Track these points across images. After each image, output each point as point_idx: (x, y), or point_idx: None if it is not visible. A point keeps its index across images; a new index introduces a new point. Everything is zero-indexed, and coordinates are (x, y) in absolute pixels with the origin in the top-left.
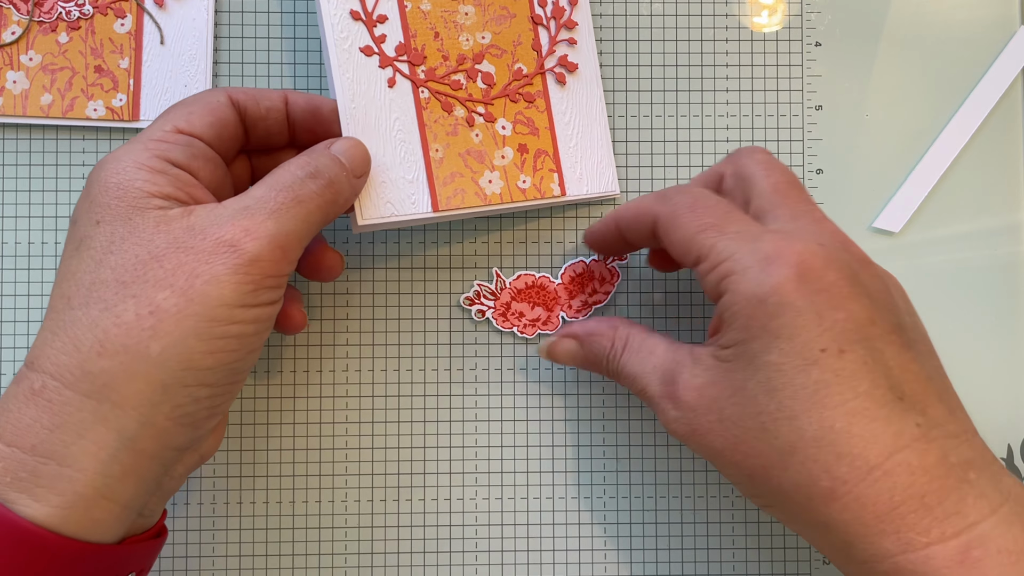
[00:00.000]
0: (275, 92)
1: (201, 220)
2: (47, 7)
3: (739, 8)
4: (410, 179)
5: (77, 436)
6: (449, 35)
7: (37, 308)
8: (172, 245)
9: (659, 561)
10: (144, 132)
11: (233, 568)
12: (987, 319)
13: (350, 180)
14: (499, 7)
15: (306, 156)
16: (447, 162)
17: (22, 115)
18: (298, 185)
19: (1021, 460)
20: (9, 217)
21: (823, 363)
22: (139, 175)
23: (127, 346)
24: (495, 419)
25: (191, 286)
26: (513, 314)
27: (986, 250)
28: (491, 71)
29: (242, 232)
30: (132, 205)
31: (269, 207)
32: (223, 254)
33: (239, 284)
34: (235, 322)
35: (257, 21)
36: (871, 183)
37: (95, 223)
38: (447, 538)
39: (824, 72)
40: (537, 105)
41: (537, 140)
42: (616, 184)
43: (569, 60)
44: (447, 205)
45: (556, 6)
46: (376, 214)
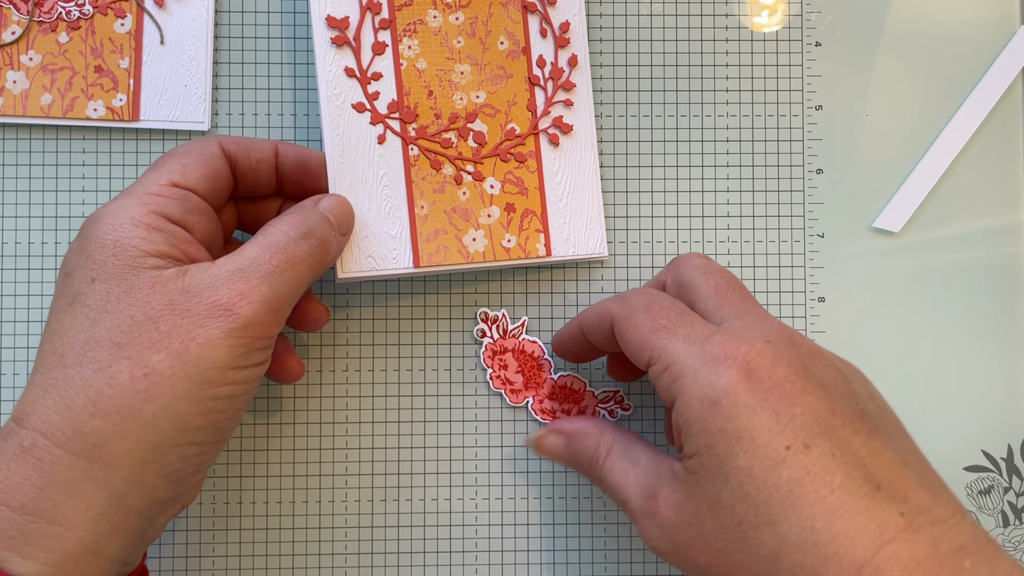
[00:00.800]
0: (266, 143)
1: (196, 281)
2: (47, 7)
3: (739, 8)
4: (393, 234)
5: (67, 495)
6: (443, 93)
7: (37, 308)
8: (168, 307)
9: (659, 562)
10: (140, 184)
11: (233, 568)
12: (987, 319)
13: (337, 238)
14: (496, 67)
15: (297, 215)
16: (432, 219)
17: (22, 115)
18: (291, 246)
19: (1021, 460)
20: (9, 217)
21: (791, 461)
22: (136, 233)
23: (120, 407)
24: (495, 419)
25: (186, 349)
26: (500, 362)
27: (986, 250)
28: (483, 130)
29: (237, 296)
30: (128, 264)
31: (264, 270)
32: (218, 318)
33: (233, 347)
34: (227, 383)
35: (257, 21)
36: (871, 183)
37: (90, 280)
38: (447, 538)
39: (824, 72)
40: (528, 165)
41: (526, 200)
42: (604, 246)
43: (564, 121)
44: (429, 261)
45: (555, 67)
46: (357, 268)
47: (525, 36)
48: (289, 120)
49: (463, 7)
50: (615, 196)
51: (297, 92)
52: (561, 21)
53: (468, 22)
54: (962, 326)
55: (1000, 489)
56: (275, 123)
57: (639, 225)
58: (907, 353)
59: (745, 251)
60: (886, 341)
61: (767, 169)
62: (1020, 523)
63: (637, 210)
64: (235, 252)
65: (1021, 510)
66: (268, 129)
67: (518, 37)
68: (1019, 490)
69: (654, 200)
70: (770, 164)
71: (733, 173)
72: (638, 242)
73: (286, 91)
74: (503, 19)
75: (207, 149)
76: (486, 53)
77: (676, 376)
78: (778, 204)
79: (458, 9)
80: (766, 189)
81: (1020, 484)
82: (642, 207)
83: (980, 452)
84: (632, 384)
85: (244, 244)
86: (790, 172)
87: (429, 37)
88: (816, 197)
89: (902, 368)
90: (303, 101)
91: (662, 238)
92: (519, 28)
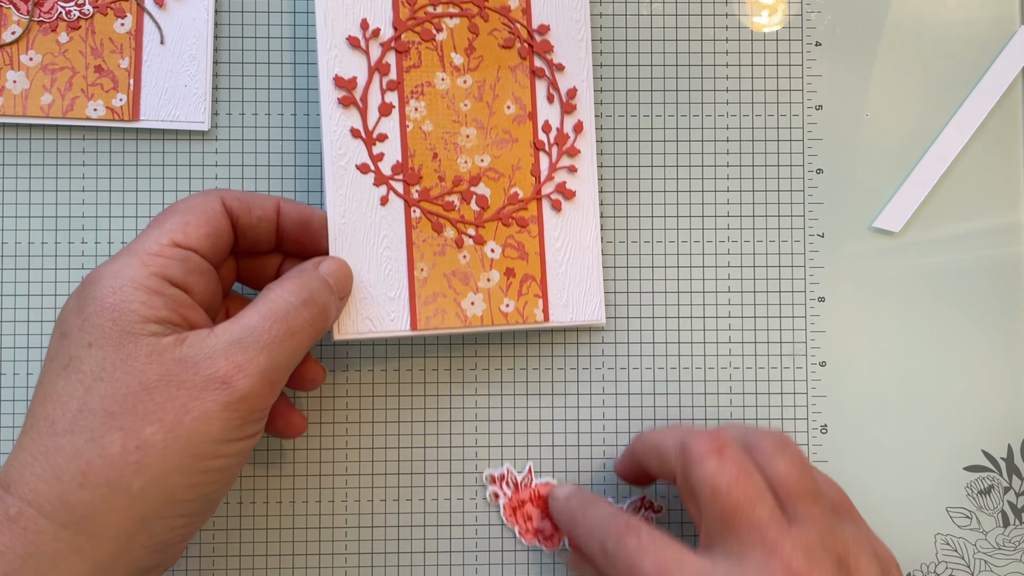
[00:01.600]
0: (268, 200)
1: (194, 352)
2: (47, 7)
3: (739, 8)
4: (392, 296)
5: (51, 567)
6: (448, 156)
7: (37, 308)
8: (164, 378)
9: None
10: (141, 242)
11: (233, 568)
12: (987, 319)
13: (336, 303)
14: (502, 131)
15: (298, 279)
16: (431, 282)
17: (22, 115)
18: (292, 315)
19: (1021, 460)
20: (9, 217)
21: None
22: (136, 296)
23: (110, 480)
24: (495, 419)
25: (180, 422)
26: (523, 515)
27: (986, 250)
28: (486, 194)
29: (235, 368)
30: (126, 330)
31: (263, 340)
32: (214, 391)
33: (227, 420)
34: (219, 456)
35: (257, 21)
36: (871, 183)
37: (87, 345)
38: (447, 538)
39: (824, 72)
40: (530, 230)
41: (526, 265)
42: (602, 313)
43: (567, 187)
44: (426, 324)
45: (560, 133)
46: (354, 330)
47: (532, 101)
48: (289, 120)
49: (471, 70)
50: (615, 196)
51: (297, 92)
52: (569, 87)
53: (476, 85)
54: (962, 326)
55: (1000, 489)
56: (275, 123)
57: (639, 225)
58: (907, 353)
59: (745, 251)
60: (886, 341)
61: (767, 169)
62: (1020, 523)
63: (637, 210)
64: (234, 319)
65: (1021, 510)
66: (268, 128)
67: (525, 102)
68: (1019, 490)
69: (654, 200)
70: (770, 164)
71: (733, 173)
72: (638, 242)
73: (286, 91)
74: (511, 83)
75: (209, 206)
76: (492, 117)
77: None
78: (778, 204)
79: (466, 72)
80: (766, 189)
81: (1020, 484)
82: (642, 207)
83: (980, 452)
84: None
85: (244, 310)
86: (790, 172)
87: (436, 99)
88: (816, 197)
89: (902, 368)
90: (303, 101)
91: (662, 238)
92: (526, 93)
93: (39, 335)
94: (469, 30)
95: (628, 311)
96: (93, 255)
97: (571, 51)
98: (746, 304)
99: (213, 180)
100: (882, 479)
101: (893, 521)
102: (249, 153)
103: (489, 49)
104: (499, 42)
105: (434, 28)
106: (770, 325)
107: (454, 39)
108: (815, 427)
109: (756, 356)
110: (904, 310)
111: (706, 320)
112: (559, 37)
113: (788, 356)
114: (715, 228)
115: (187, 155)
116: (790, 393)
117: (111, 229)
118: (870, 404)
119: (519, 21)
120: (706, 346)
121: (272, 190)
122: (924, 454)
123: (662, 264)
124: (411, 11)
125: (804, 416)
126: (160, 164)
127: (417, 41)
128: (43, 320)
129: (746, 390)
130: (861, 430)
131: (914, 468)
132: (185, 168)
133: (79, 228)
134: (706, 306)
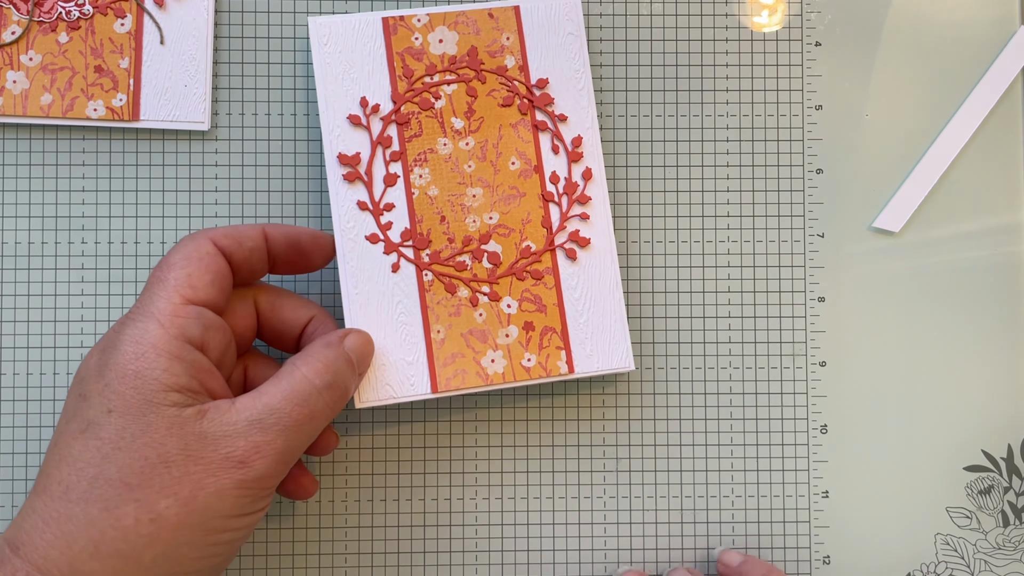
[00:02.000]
0: (254, 230)
1: (214, 428)
2: (47, 7)
3: (739, 8)
4: (410, 361)
5: None
6: (456, 218)
7: (37, 308)
8: (183, 452)
9: (659, 561)
10: (151, 303)
11: (233, 568)
12: (987, 319)
13: (356, 379)
14: (508, 187)
15: (323, 359)
16: (448, 343)
17: (22, 115)
18: (314, 398)
19: (1021, 460)
20: (9, 217)
21: None
22: (158, 364)
23: (121, 551)
24: (495, 419)
25: (194, 497)
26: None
27: (986, 250)
28: (497, 250)
29: (253, 450)
30: (148, 399)
31: (283, 423)
32: (231, 469)
33: (240, 497)
34: (228, 530)
35: (257, 21)
36: (871, 183)
37: (107, 412)
38: (447, 538)
39: (824, 72)
40: (545, 282)
41: (544, 317)
42: (631, 360)
43: (581, 235)
44: (447, 386)
45: (569, 182)
46: (375, 397)
47: (537, 154)
48: (289, 120)
49: (473, 132)
50: (615, 196)
51: (297, 92)
52: (573, 136)
53: (478, 146)
54: (962, 326)
55: (1000, 489)
56: (275, 123)
57: (639, 225)
58: (907, 353)
59: (745, 251)
60: (886, 341)
61: (767, 169)
62: (1020, 523)
63: (637, 210)
64: (256, 395)
65: (1021, 510)
66: (268, 128)
67: (529, 156)
68: (1019, 490)
69: (654, 200)
70: (770, 164)
71: (733, 173)
72: (638, 242)
73: (286, 91)
74: (513, 140)
75: (204, 251)
76: (498, 175)
77: None
78: (778, 204)
79: (468, 135)
80: (766, 189)
81: (1020, 484)
82: (642, 207)
83: (980, 452)
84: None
85: (265, 385)
86: (790, 172)
87: (440, 164)
88: (816, 197)
89: (902, 368)
90: (303, 101)
91: (662, 238)
92: (530, 147)
93: (39, 335)
94: (467, 94)
95: (628, 311)
96: (93, 255)
97: (572, 100)
98: (746, 304)
99: (213, 180)
100: (882, 479)
101: (893, 521)
102: (249, 153)
103: (489, 109)
104: (498, 101)
105: (432, 97)
106: (770, 325)
107: (453, 105)
108: (815, 427)
109: (756, 356)
110: (904, 310)
111: (706, 320)
112: (559, 88)
113: (788, 356)
114: (715, 228)
115: (187, 155)
116: (790, 393)
117: (111, 229)
118: (870, 404)
119: (517, 79)
120: (706, 346)
121: (272, 190)
122: (924, 454)
123: (662, 264)
124: (408, 84)
125: (804, 416)
126: (160, 164)
127: (417, 111)
128: (43, 320)
129: (746, 390)
130: (861, 430)
131: (914, 468)
132: (185, 168)
133: (79, 228)
134: (706, 306)
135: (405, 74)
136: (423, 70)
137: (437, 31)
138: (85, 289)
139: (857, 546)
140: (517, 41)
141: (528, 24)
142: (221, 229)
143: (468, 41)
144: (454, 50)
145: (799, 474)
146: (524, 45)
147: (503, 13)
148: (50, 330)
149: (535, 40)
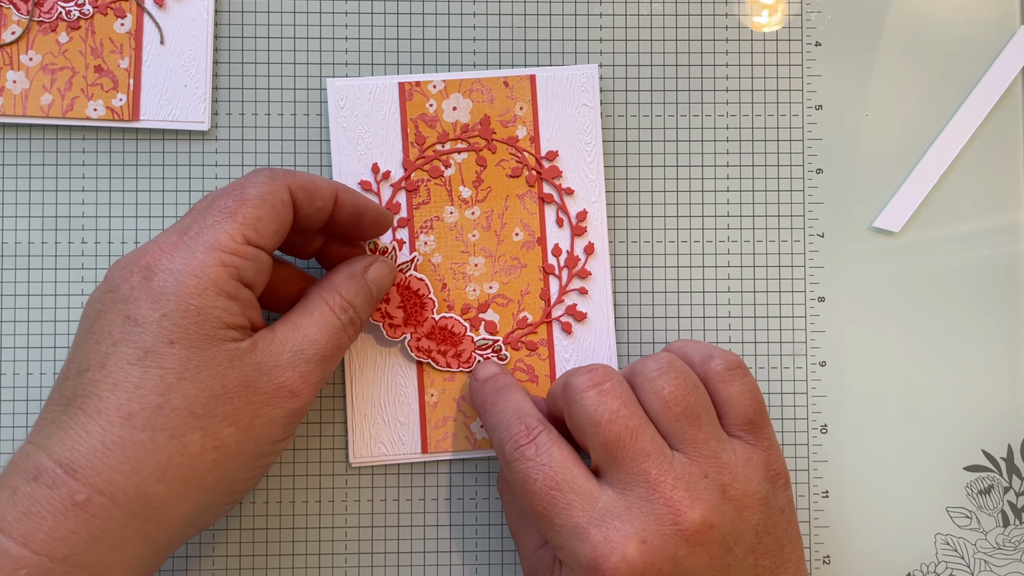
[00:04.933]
0: (327, 189)
1: (265, 359)
2: (47, 7)
3: (739, 8)
4: (403, 421)
5: (113, 548)
6: (456, 285)
7: (37, 308)
8: (242, 384)
9: None
10: (214, 233)
11: (233, 568)
12: (987, 319)
13: (374, 310)
14: (510, 258)
15: (346, 293)
16: (441, 406)
17: (22, 115)
18: (340, 333)
19: (1021, 460)
20: (9, 217)
21: None
22: (219, 303)
23: (187, 476)
24: None
25: (252, 425)
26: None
27: (986, 250)
28: (495, 320)
29: (299, 379)
30: (209, 335)
31: (321, 354)
32: (283, 398)
33: (288, 424)
34: (273, 453)
35: (257, 21)
36: (871, 183)
37: (169, 343)
38: (447, 538)
39: (824, 72)
40: (539, 353)
41: (536, 388)
42: None
43: (578, 309)
44: (436, 448)
45: (570, 255)
46: (367, 454)
47: (541, 226)
48: (289, 120)
49: (479, 202)
50: (615, 196)
51: (297, 92)
52: (579, 210)
53: (484, 216)
54: (962, 326)
55: (1000, 489)
56: (275, 123)
57: (639, 225)
58: (907, 353)
59: (745, 251)
60: (886, 341)
61: (767, 169)
62: (1020, 523)
63: (637, 209)
64: (294, 326)
65: (1021, 510)
66: (268, 128)
67: (533, 228)
68: (1019, 490)
69: (654, 200)
70: (770, 164)
71: (733, 173)
72: (638, 242)
73: (286, 91)
74: (519, 211)
75: (279, 198)
76: (501, 245)
77: (561, 561)
78: (778, 204)
79: (475, 204)
80: (766, 189)
81: (1020, 484)
82: (642, 207)
83: (980, 452)
84: None
85: (297, 315)
86: (790, 172)
87: (445, 232)
88: (816, 197)
89: (902, 368)
90: (303, 101)
91: (662, 238)
92: (535, 219)
93: (39, 335)
94: (477, 163)
95: (628, 311)
96: (93, 255)
97: (581, 174)
98: (746, 304)
99: (213, 180)
100: (882, 479)
101: (893, 521)
102: (249, 153)
103: (497, 179)
104: (507, 172)
105: (442, 165)
106: (770, 325)
107: (462, 173)
108: (815, 427)
109: (756, 356)
110: (904, 310)
111: (706, 320)
112: (568, 162)
113: (788, 356)
114: (715, 228)
115: (187, 155)
116: (790, 393)
117: (111, 229)
118: (870, 404)
119: (527, 150)
120: None
121: None
122: (924, 454)
123: (662, 264)
124: (420, 151)
125: (804, 416)
126: (160, 164)
127: (426, 179)
128: (43, 320)
129: None
130: (861, 430)
131: (914, 468)
132: (185, 168)
133: (79, 228)
134: (706, 306)
135: (417, 140)
136: (435, 137)
137: (452, 98)
138: (85, 289)
139: (857, 546)
140: (530, 111)
141: (543, 93)
142: (299, 178)
143: (481, 109)
144: (467, 118)
145: (799, 474)
146: (537, 115)
147: (519, 82)
148: (50, 330)
149: (549, 110)
